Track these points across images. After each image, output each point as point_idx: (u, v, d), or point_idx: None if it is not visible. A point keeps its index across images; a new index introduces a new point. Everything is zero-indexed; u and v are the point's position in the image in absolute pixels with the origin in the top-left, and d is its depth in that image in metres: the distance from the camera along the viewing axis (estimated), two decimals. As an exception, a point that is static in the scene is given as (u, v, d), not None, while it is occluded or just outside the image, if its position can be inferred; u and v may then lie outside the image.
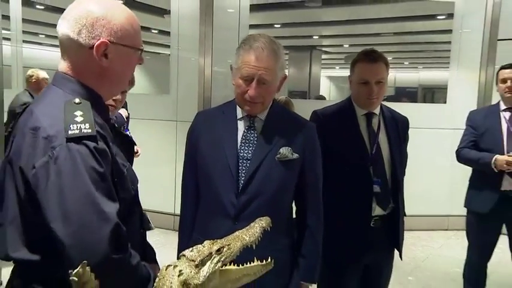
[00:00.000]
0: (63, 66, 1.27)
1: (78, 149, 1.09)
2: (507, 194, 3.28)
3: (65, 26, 1.23)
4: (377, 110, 2.40)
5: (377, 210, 2.32)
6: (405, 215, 2.52)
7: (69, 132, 1.10)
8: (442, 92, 6.82)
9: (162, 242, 4.87)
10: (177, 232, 2.04)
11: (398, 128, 2.48)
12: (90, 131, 1.12)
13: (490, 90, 6.18)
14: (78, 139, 1.10)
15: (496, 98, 5.02)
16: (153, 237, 4.80)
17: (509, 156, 3.31)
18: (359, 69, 2.33)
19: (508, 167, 3.29)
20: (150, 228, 1.53)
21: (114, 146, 1.25)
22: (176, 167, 5.46)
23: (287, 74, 2.15)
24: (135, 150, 3.70)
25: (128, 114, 4.01)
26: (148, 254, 1.49)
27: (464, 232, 3.65)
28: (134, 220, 1.35)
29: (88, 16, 1.21)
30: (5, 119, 4.04)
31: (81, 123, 1.12)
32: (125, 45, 1.27)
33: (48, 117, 1.14)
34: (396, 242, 2.46)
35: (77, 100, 1.16)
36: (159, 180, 5.41)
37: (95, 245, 1.06)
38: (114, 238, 1.08)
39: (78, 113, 1.14)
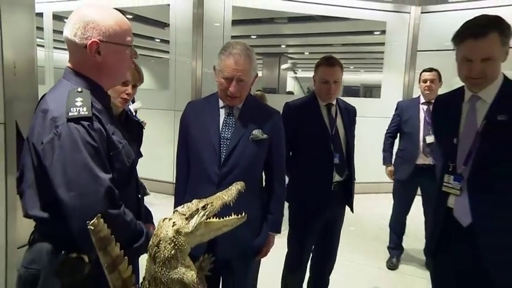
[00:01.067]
0: (69, 63, 1.25)
1: (76, 127, 1.08)
2: (421, 167, 3.38)
3: (66, 30, 1.21)
4: (334, 102, 2.41)
5: (336, 177, 2.35)
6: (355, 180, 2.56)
7: (70, 114, 1.08)
8: (377, 89, 6.88)
9: (163, 203, 4.86)
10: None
11: (350, 115, 2.51)
12: (87, 113, 1.10)
13: (412, 88, 6.41)
14: (77, 119, 1.08)
15: (416, 93, 5.26)
16: (156, 200, 4.86)
17: (390, 170, 3.71)
18: (321, 71, 2.34)
19: (390, 176, 3.71)
20: (146, 194, 1.41)
21: (112, 126, 1.22)
22: (174, 145, 5.27)
23: (260, 75, 2.16)
24: (135, 110, 3.65)
25: (136, 108, 3.89)
26: (145, 215, 1.45)
27: (391, 194, 3.77)
28: (131, 187, 1.31)
29: (81, 20, 1.18)
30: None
31: (80, 107, 1.10)
32: (115, 43, 1.22)
33: (55, 102, 1.13)
34: (349, 200, 2.49)
35: (79, 89, 1.15)
36: (161, 156, 5.38)
37: (94, 204, 1.05)
38: (108, 197, 1.08)
39: (79, 99, 1.11)
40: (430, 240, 1.80)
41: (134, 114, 3.67)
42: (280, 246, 2.20)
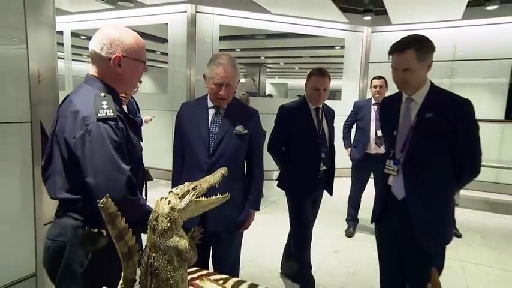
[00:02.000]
0: (92, 70, 1.24)
1: (104, 126, 1.08)
2: (374, 155, 3.48)
3: (93, 45, 1.20)
4: (320, 106, 2.39)
5: (322, 167, 2.36)
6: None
7: (99, 114, 1.08)
8: (338, 93, 6.97)
9: (164, 185, 4.91)
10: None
11: (331, 116, 2.50)
12: (112, 114, 1.11)
13: (365, 92, 6.55)
14: (105, 119, 1.09)
15: (369, 96, 5.33)
16: (157, 184, 4.82)
17: (350, 152, 3.74)
18: (313, 80, 2.30)
19: (350, 156, 3.75)
20: (150, 179, 1.41)
21: (127, 125, 1.22)
22: (172, 139, 5.30)
23: (244, 81, 2.09)
24: (146, 120, 3.61)
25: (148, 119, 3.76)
26: (146, 195, 1.43)
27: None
28: (140, 173, 1.30)
29: (107, 38, 1.18)
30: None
31: (107, 109, 1.10)
32: (133, 59, 1.22)
33: (84, 105, 1.11)
34: (330, 186, 2.50)
35: (103, 94, 1.15)
36: (161, 148, 5.36)
37: (116, 189, 1.05)
38: (128, 185, 1.09)
39: (104, 102, 1.12)
40: (375, 210, 1.84)
41: (143, 123, 3.56)
42: (259, 221, 2.20)
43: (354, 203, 3.81)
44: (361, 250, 3.40)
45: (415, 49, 1.55)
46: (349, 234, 3.74)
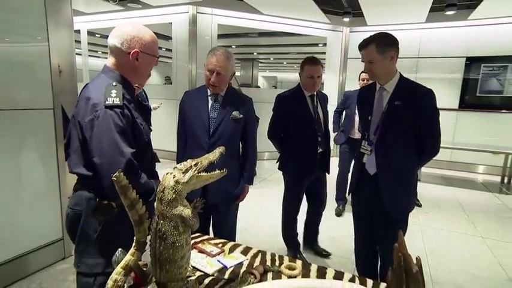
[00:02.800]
0: (109, 62, 1.19)
1: (111, 113, 1.05)
2: (355, 139, 3.24)
3: (113, 39, 1.16)
4: (315, 92, 2.27)
5: (319, 150, 2.27)
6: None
7: (107, 102, 1.05)
8: (322, 85, 6.97)
9: (169, 165, 4.87)
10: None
11: (325, 101, 2.38)
12: (119, 102, 1.07)
13: (344, 84, 6.53)
14: (112, 107, 1.06)
15: (347, 88, 5.38)
16: (164, 163, 4.80)
17: (336, 137, 3.48)
18: (307, 69, 2.17)
19: (335, 141, 3.47)
20: (158, 161, 1.36)
21: (136, 112, 1.18)
22: (176, 125, 5.30)
23: (239, 74, 2.00)
24: (154, 107, 3.57)
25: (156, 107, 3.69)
26: (156, 175, 1.38)
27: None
28: (147, 156, 1.27)
29: (128, 34, 1.15)
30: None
31: (115, 97, 1.07)
32: (149, 54, 1.20)
33: (96, 92, 1.09)
34: (327, 165, 2.40)
35: (114, 83, 1.11)
36: (167, 132, 5.35)
37: (117, 169, 1.02)
38: (128, 167, 1.06)
39: (113, 91, 1.08)
40: (351, 184, 1.85)
41: (151, 110, 3.49)
42: (252, 194, 2.16)
43: (342, 183, 3.58)
44: (342, 221, 3.38)
45: (375, 44, 1.55)
46: (339, 212, 3.51)
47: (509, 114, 5.40)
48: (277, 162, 2.43)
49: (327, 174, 2.46)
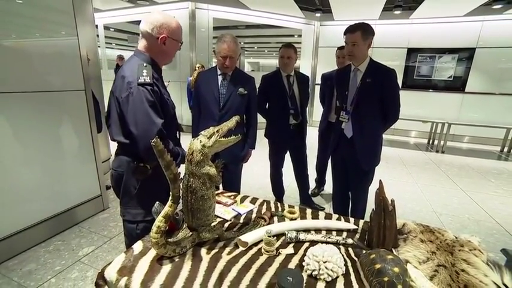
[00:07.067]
0: (140, 45, 1.09)
1: (143, 90, 0.98)
2: (333, 123, 2.39)
3: (145, 25, 1.06)
4: (292, 73, 2.11)
5: (293, 121, 2.13)
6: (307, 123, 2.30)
7: (139, 80, 0.98)
8: (298, 69, 6.75)
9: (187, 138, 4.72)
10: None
11: (304, 81, 2.18)
12: (149, 80, 1.00)
13: (315, 68, 6.31)
14: (143, 84, 0.98)
15: (319, 72, 5.17)
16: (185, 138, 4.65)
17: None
18: (282, 51, 2.06)
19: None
20: (182, 130, 1.27)
21: (163, 89, 1.10)
22: (181, 102, 5.29)
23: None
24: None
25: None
26: (179, 143, 1.30)
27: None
28: (173, 126, 1.19)
29: (158, 21, 1.06)
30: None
31: (146, 76, 0.99)
32: (174, 39, 1.10)
33: (130, 71, 1.01)
34: (303, 135, 2.24)
35: (145, 64, 1.03)
36: (180, 107, 5.16)
37: (150, 137, 0.92)
38: (158, 134, 0.99)
39: (145, 71, 1.00)
40: (332, 145, 1.80)
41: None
42: (254, 157, 2.03)
43: (319, 167, 2.81)
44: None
45: (361, 31, 1.51)
46: (314, 193, 2.76)
47: (435, 93, 5.58)
48: (264, 130, 2.35)
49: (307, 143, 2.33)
